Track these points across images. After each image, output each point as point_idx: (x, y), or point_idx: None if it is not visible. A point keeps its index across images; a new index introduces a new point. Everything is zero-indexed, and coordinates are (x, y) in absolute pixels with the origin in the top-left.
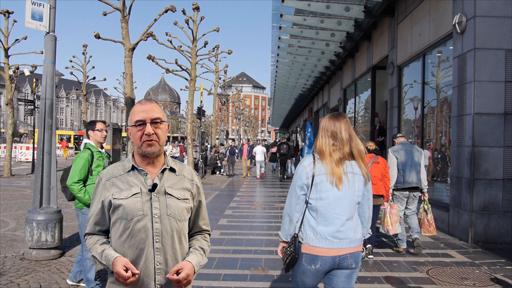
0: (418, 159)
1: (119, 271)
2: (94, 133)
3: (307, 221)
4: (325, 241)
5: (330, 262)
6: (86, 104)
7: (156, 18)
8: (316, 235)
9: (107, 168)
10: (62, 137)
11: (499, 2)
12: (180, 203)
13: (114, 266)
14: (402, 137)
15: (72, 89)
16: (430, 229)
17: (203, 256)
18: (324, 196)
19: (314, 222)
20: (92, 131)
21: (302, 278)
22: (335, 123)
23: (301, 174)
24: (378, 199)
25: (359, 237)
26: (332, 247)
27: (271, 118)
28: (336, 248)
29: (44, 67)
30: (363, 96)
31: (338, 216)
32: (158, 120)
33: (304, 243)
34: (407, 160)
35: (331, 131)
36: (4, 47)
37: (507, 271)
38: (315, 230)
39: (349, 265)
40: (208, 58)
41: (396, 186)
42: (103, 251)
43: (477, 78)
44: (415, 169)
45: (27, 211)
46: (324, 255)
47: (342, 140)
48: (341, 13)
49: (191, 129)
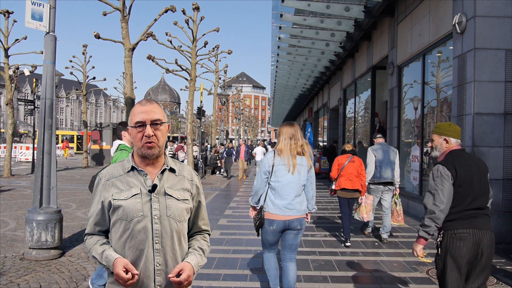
0: (393, 158)
1: (119, 272)
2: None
3: (268, 196)
4: (279, 210)
5: (282, 224)
6: (86, 104)
7: (156, 18)
8: (274, 206)
9: (107, 168)
10: (66, 137)
11: (499, 2)
12: (180, 204)
13: (114, 267)
14: (381, 138)
15: (72, 89)
16: (399, 219)
17: (202, 256)
18: (280, 180)
19: (273, 197)
20: (126, 132)
21: (266, 236)
22: (292, 129)
23: (265, 164)
24: (354, 193)
25: (304, 209)
26: (284, 214)
27: (271, 118)
28: (287, 215)
29: (44, 67)
30: (363, 96)
31: (289, 194)
32: (158, 122)
33: (266, 211)
34: (384, 158)
35: (289, 135)
36: (4, 47)
37: (507, 271)
38: (273, 203)
39: (295, 227)
40: (208, 58)
41: (373, 180)
42: (103, 252)
43: (477, 78)
44: (390, 166)
45: (27, 211)
46: (278, 219)
47: (297, 141)
48: (341, 13)
49: (191, 129)
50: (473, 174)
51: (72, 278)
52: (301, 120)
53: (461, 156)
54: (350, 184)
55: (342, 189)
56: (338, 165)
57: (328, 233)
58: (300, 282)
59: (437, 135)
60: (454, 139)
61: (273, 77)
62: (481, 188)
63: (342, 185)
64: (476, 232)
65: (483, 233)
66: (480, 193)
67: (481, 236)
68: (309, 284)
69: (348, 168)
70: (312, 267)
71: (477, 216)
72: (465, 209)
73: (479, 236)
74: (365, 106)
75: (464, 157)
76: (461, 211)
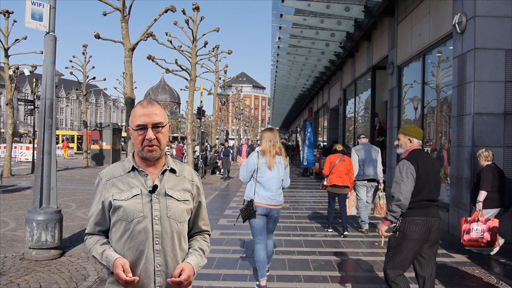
0: (375, 157)
1: (119, 273)
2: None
3: (256, 190)
4: (264, 200)
5: (265, 211)
6: (86, 104)
7: (156, 18)
8: (259, 197)
9: (107, 168)
10: (66, 137)
11: (499, 2)
12: (180, 205)
13: (114, 268)
14: (364, 138)
15: (72, 89)
16: (381, 212)
17: (203, 257)
18: (264, 176)
19: (259, 190)
20: None
21: (256, 220)
22: (272, 134)
23: (251, 163)
24: (344, 189)
25: (281, 200)
26: (266, 203)
27: (271, 118)
28: (269, 204)
29: (44, 67)
30: (363, 96)
31: (272, 186)
32: (160, 125)
33: (255, 201)
34: (366, 157)
35: (269, 138)
36: (4, 47)
37: (507, 271)
38: (259, 194)
39: (274, 215)
40: (208, 58)
41: (357, 177)
42: (103, 252)
43: (477, 78)
44: (372, 164)
45: (27, 211)
46: (262, 206)
47: (276, 144)
48: (341, 13)
49: (191, 129)
50: (429, 170)
51: (72, 278)
52: (301, 120)
53: (421, 154)
54: (340, 181)
55: (333, 186)
56: (330, 163)
57: (328, 233)
58: (300, 282)
59: (403, 135)
60: (416, 140)
61: (273, 77)
62: (435, 183)
63: (333, 182)
64: (429, 220)
65: (434, 220)
66: (435, 187)
67: (432, 223)
68: (309, 284)
69: (339, 166)
70: (312, 267)
71: (430, 206)
72: (422, 199)
73: (431, 222)
74: (365, 106)
75: (423, 156)
76: (419, 201)
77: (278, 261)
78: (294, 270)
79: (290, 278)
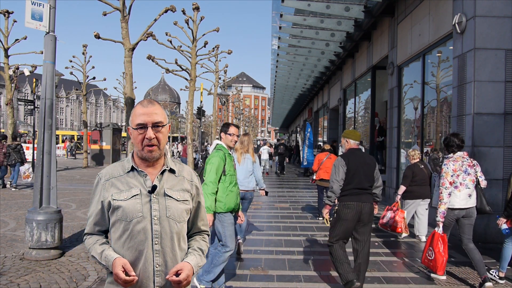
0: None
1: (118, 272)
2: (225, 136)
3: None
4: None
5: (242, 194)
6: (86, 104)
7: (156, 18)
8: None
9: (106, 168)
10: (66, 137)
11: (499, 2)
12: (180, 205)
13: (113, 267)
14: None
15: (72, 89)
16: None
17: (202, 257)
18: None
19: None
20: (225, 134)
21: None
22: (244, 137)
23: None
24: None
25: (252, 186)
26: (241, 188)
27: (271, 118)
28: (243, 189)
29: (44, 67)
30: (363, 96)
31: (239, 176)
32: (160, 124)
33: None
34: None
35: (240, 141)
36: (4, 47)
37: (507, 271)
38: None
39: (248, 197)
40: (208, 58)
41: None
42: (102, 252)
43: (477, 78)
44: None
45: (27, 211)
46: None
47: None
48: (341, 13)
49: (191, 129)
50: (360, 165)
51: (72, 278)
52: (301, 120)
53: (354, 152)
54: (327, 176)
55: (321, 180)
56: (319, 160)
57: (328, 233)
58: (300, 282)
59: (343, 138)
60: (352, 141)
61: (273, 77)
62: (366, 175)
63: (321, 176)
64: (359, 204)
65: (364, 205)
66: (365, 178)
67: (363, 207)
68: (309, 284)
69: (326, 163)
70: (312, 267)
71: (361, 194)
72: (353, 188)
73: (361, 206)
74: (365, 106)
75: (357, 154)
76: (351, 189)
77: (278, 261)
78: (294, 270)
79: (290, 278)
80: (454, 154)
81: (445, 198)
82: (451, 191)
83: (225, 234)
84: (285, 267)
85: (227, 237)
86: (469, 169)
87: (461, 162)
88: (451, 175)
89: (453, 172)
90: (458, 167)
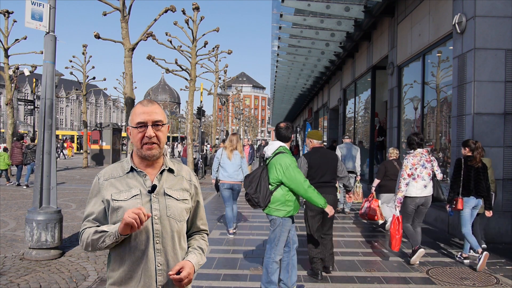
0: (354, 154)
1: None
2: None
3: (219, 171)
4: (225, 177)
5: (228, 185)
6: (86, 104)
7: (156, 18)
8: (223, 175)
9: (106, 168)
10: (66, 137)
11: (499, 2)
12: (180, 204)
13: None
14: (348, 139)
15: (72, 89)
16: (358, 198)
17: (202, 255)
18: (225, 162)
19: (222, 171)
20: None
21: (223, 192)
22: (233, 137)
23: (218, 155)
24: None
25: (240, 178)
26: (227, 180)
27: (271, 118)
28: (229, 180)
29: (44, 67)
30: (363, 96)
31: (229, 169)
32: (160, 123)
33: (219, 179)
34: (347, 154)
35: (230, 139)
36: (4, 47)
37: (507, 271)
38: (222, 174)
39: (235, 188)
40: (208, 58)
41: None
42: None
43: (477, 78)
44: (351, 159)
45: (27, 211)
46: (224, 182)
47: (233, 143)
48: (341, 13)
49: (191, 129)
50: (321, 162)
51: (72, 278)
52: (301, 120)
53: (317, 151)
54: None
55: None
56: None
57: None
58: (300, 282)
59: (307, 138)
60: (315, 140)
61: (273, 77)
62: (328, 170)
63: None
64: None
65: (328, 196)
66: (327, 173)
67: (326, 198)
68: (309, 284)
69: None
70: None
71: (324, 186)
72: (317, 182)
73: (325, 198)
74: (365, 106)
75: (319, 151)
76: (315, 183)
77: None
78: None
79: None
80: (415, 150)
81: (402, 187)
82: (408, 182)
83: (280, 239)
84: None
85: (280, 241)
86: (426, 164)
87: (419, 157)
88: (410, 168)
89: (412, 165)
90: (416, 162)
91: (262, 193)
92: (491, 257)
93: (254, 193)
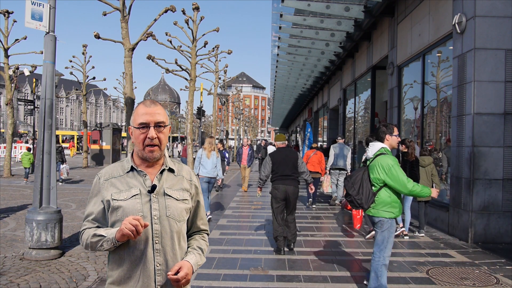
0: (346, 153)
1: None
2: (391, 138)
3: (200, 168)
4: (203, 173)
5: (207, 179)
6: (86, 104)
7: (156, 18)
8: (202, 171)
9: (106, 168)
10: (66, 137)
11: (499, 2)
12: (179, 204)
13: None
14: (341, 140)
15: (72, 89)
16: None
17: (201, 256)
18: (203, 161)
19: (202, 168)
20: (390, 136)
21: (202, 185)
22: (211, 139)
23: (198, 155)
24: (316, 174)
25: (216, 174)
26: (205, 175)
27: (271, 118)
28: (207, 175)
29: (44, 67)
30: (363, 96)
31: (207, 166)
32: (162, 124)
33: (200, 174)
34: (339, 153)
35: (208, 141)
36: (4, 47)
37: (507, 271)
38: (202, 170)
39: (211, 182)
40: (208, 58)
41: (332, 166)
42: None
43: (477, 78)
44: (343, 158)
45: (27, 211)
46: (204, 176)
47: (212, 145)
48: (341, 13)
49: (191, 129)
50: (282, 159)
51: (72, 278)
52: (301, 120)
53: (280, 150)
54: (313, 168)
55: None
56: (307, 156)
57: (328, 233)
58: (300, 282)
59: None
60: (279, 142)
61: (273, 77)
62: (288, 166)
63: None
64: (284, 186)
65: (288, 187)
66: (288, 168)
67: (287, 188)
68: (309, 284)
69: (313, 158)
70: (312, 267)
71: (285, 179)
72: (279, 175)
73: (286, 188)
74: (365, 106)
75: (281, 150)
76: (277, 176)
77: (279, 261)
78: (294, 270)
79: (290, 278)
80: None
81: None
82: None
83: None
84: (285, 267)
85: (389, 243)
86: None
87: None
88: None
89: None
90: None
91: (365, 194)
92: (491, 257)
93: (356, 195)
